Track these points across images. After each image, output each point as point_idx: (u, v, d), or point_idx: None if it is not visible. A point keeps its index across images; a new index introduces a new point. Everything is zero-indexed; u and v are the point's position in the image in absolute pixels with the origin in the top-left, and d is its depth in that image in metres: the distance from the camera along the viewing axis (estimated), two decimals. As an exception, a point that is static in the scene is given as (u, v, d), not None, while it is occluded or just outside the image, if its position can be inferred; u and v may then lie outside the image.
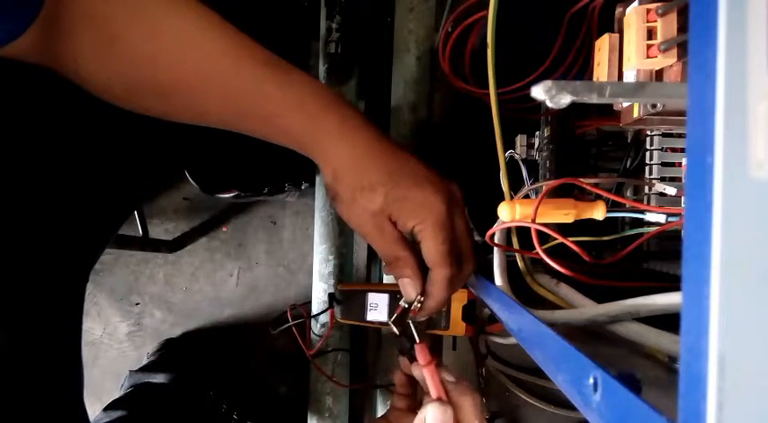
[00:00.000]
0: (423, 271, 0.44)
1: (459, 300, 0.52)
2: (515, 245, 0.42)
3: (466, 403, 0.43)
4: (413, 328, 0.46)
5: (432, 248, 0.42)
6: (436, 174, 0.43)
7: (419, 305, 0.45)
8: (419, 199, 0.41)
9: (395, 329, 0.48)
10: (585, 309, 0.33)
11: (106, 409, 0.80)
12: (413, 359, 0.46)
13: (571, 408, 0.60)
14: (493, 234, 0.43)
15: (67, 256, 0.53)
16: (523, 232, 0.42)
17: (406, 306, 0.45)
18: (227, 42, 0.41)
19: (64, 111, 0.49)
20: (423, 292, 0.44)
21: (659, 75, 0.32)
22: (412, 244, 0.43)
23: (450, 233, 0.42)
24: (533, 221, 0.36)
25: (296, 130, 0.42)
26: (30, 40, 0.38)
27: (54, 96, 0.47)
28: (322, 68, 0.77)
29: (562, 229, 0.38)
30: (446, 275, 0.42)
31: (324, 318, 0.73)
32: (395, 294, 0.52)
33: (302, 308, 0.62)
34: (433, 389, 0.43)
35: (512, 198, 0.41)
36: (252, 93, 0.41)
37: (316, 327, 0.76)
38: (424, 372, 0.44)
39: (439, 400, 0.43)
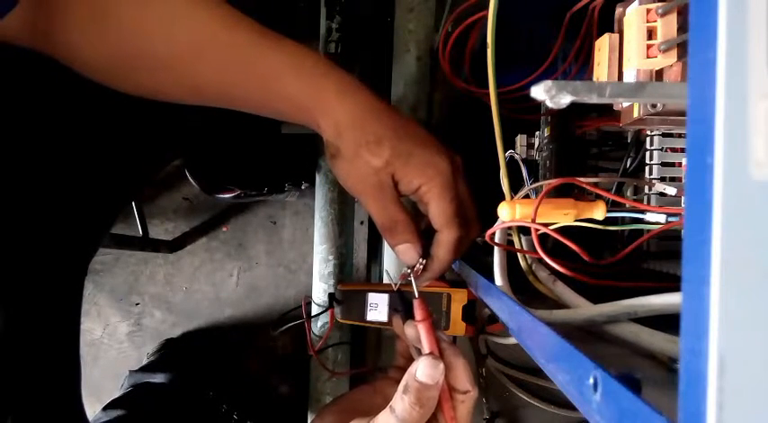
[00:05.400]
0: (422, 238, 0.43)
1: (459, 300, 0.52)
2: (517, 244, 0.42)
3: (459, 364, 0.41)
4: (414, 284, 0.44)
5: (440, 209, 0.41)
6: (436, 139, 0.43)
7: (421, 267, 0.43)
8: (426, 157, 0.41)
9: (393, 285, 0.46)
10: (583, 309, 0.33)
11: (105, 408, 0.80)
12: (406, 319, 0.45)
13: (571, 408, 0.60)
14: (493, 233, 0.42)
15: (65, 245, 0.53)
16: (525, 232, 0.42)
17: (409, 271, 0.44)
18: (219, 12, 0.40)
19: (57, 99, 0.49)
20: (424, 256, 0.43)
21: (659, 75, 0.32)
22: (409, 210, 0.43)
23: (456, 194, 0.42)
24: (533, 221, 0.36)
25: (294, 90, 0.41)
26: (18, 19, 0.37)
27: (49, 85, 0.47)
28: (322, 68, 0.77)
29: (562, 229, 0.38)
30: (454, 237, 0.42)
31: (324, 318, 0.73)
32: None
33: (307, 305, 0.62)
34: (426, 344, 0.41)
35: (512, 198, 0.41)
36: (248, 58, 0.40)
37: (316, 327, 0.76)
38: (419, 327, 0.42)
39: (431, 354, 0.40)
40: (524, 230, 0.41)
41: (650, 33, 0.31)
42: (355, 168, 0.41)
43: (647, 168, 0.40)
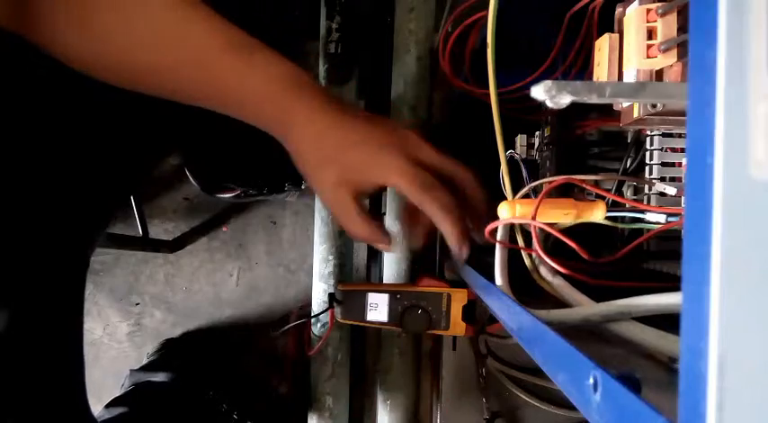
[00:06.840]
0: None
1: (459, 300, 0.52)
2: (520, 243, 0.42)
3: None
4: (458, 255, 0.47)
5: (404, 190, 0.43)
6: (385, 127, 0.45)
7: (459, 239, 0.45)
8: (374, 158, 0.43)
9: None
10: (582, 308, 0.33)
11: (107, 406, 0.80)
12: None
13: (571, 408, 0.60)
14: (493, 230, 0.42)
15: (64, 240, 0.53)
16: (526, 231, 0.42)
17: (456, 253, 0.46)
18: (199, 25, 0.42)
19: (52, 93, 0.49)
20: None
21: (659, 75, 0.32)
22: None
23: (416, 173, 0.43)
24: (533, 219, 0.36)
25: (262, 114, 0.44)
26: (7, 10, 0.39)
27: (44, 80, 0.48)
28: (322, 68, 0.77)
29: (562, 228, 0.38)
30: (434, 204, 0.43)
31: (324, 318, 0.73)
32: (395, 294, 0.52)
33: (304, 309, 0.62)
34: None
35: (512, 198, 0.41)
36: (218, 78, 0.42)
37: (316, 327, 0.76)
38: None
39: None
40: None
41: (650, 33, 0.31)
42: (319, 191, 0.45)
43: (647, 168, 0.40)
